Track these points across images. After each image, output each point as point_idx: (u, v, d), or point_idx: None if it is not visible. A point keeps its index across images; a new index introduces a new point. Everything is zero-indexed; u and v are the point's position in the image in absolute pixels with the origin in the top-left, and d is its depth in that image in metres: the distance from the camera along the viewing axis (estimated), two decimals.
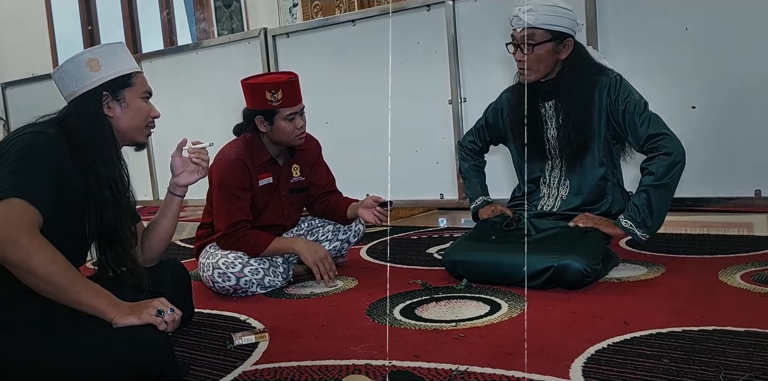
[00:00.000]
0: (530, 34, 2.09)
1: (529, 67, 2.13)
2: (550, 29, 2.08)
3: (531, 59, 2.11)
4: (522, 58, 2.13)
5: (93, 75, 1.55)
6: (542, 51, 2.10)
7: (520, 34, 2.11)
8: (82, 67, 1.54)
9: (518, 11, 2.10)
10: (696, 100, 2.72)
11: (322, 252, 2.26)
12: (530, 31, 2.08)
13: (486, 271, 2.11)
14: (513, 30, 2.15)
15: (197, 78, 4.40)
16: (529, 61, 2.12)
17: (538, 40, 2.09)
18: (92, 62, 1.55)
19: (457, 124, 3.36)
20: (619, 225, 2.12)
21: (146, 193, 4.73)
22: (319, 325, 1.82)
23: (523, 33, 2.09)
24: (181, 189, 1.79)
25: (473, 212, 2.47)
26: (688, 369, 1.34)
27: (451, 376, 1.39)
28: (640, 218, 2.08)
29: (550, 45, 2.10)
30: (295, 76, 2.26)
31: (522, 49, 2.12)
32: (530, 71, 2.15)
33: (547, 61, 2.13)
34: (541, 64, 2.13)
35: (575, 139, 2.16)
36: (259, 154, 2.31)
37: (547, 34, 2.09)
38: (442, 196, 3.50)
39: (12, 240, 1.30)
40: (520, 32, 2.11)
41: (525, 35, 2.09)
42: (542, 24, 2.08)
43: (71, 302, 1.35)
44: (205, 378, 1.48)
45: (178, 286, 1.81)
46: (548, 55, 2.12)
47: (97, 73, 1.55)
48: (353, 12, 4.49)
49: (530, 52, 2.10)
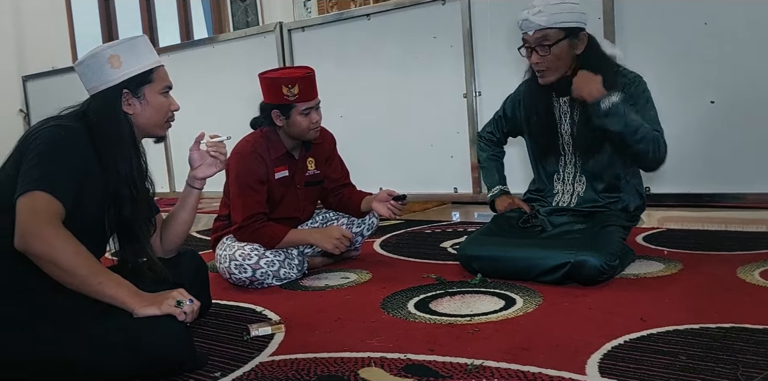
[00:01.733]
0: (544, 36, 2.05)
1: (548, 67, 2.09)
2: (562, 27, 2.05)
3: (549, 59, 2.07)
4: (538, 60, 2.08)
5: (114, 72, 1.56)
6: (559, 50, 2.07)
7: (533, 36, 2.07)
8: (103, 63, 1.55)
9: (527, 14, 2.06)
10: (715, 95, 2.70)
11: (336, 232, 2.27)
12: (543, 32, 2.05)
13: (501, 266, 2.10)
14: (524, 33, 2.10)
15: (213, 72, 4.42)
16: (547, 61, 2.08)
17: (553, 40, 2.05)
18: (113, 59, 1.55)
19: (472, 117, 3.36)
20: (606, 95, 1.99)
21: (163, 185, 4.77)
22: (334, 318, 1.83)
23: (536, 35, 2.05)
24: (199, 182, 1.80)
25: (490, 201, 2.47)
26: (705, 366, 1.34)
27: (466, 370, 1.39)
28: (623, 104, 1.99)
29: (566, 42, 2.07)
30: (312, 71, 2.27)
31: (537, 51, 2.08)
32: (549, 71, 2.11)
33: (565, 59, 2.09)
34: (561, 62, 2.09)
35: (589, 134, 2.14)
36: (276, 147, 2.33)
37: (561, 32, 2.05)
38: (456, 190, 3.51)
39: (36, 232, 1.33)
40: (533, 35, 2.07)
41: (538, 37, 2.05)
42: (554, 23, 2.04)
43: (93, 293, 1.37)
44: (223, 368, 1.49)
45: (196, 278, 1.83)
46: (566, 52, 2.08)
47: (117, 70, 1.56)
48: (368, 6, 4.49)
49: (547, 54, 2.06)
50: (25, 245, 1.33)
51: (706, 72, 2.69)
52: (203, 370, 1.48)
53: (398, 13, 3.57)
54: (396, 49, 3.57)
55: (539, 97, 2.24)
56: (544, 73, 2.12)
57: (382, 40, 3.61)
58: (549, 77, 2.12)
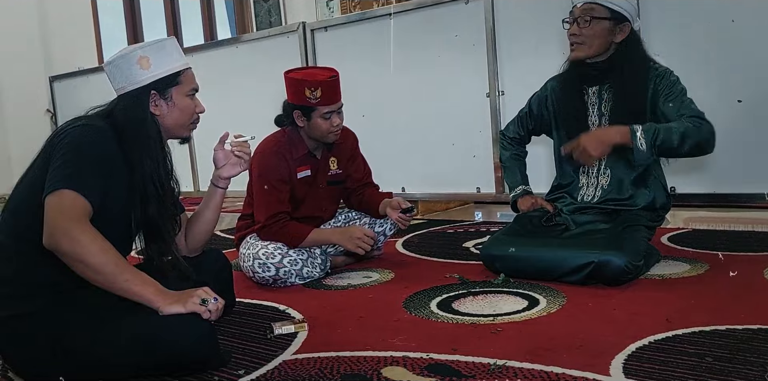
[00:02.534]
0: (590, 8, 2.10)
1: (582, 41, 2.13)
2: (610, 7, 2.09)
3: (586, 34, 2.11)
4: (576, 31, 2.12)
5: (143, 73, 1.58)
6: (599, 27, 2.10)
7: (580, 7, 2.12)
8: (132, 64, 1.57)
9: None
10: (742, 93, 2.66)
11: (358, 232, 2.28)
12: (591, 5, 2.10)
13: (524, 266, 2.10)
14: (573, 6, 2.16)
15: (237, 72, 4.45)
16: (583, 35, 2.12)
17: (597, 15, 2.10)
18: (143, 60, 1.57)
19: (495, 117, 3.34)
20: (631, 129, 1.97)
21: (187, 185, 4.82)
22: (357, 317, 1.84)
23: (584, 6, 2.11)
24: (223, 181, 1.82)
25: (512, 201, 2.46)
26: (732, 368, 1.32)
27: (489, 370, 1.39)
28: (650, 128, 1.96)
29: (607, 23, 2.10)
30: (336, 75, 2.27)
31: (578, 22, 2.12)
32: (583, 46, 2.14)
33: (601, 39, 2.12)
34: (595, 39, 2.12)
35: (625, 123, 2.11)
36: (298, 147, 2.34)
37: (607, 12, 2.09)
38: (479, 190, 3.49)
39: (64, 230, 1.35)
40: (580, 6, 2.12)
41: (585, 8, 2.10)
42: (604, 1, 2.08)
43: (120, 291, 1.39)
44: (247, 366, 1.51)
45: (220, 276, 1.85)
46: (604, 32, 2.11)
47: (146, 71, 1.57)
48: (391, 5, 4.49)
49: (587, 26, 2.10)
50: (53, 243, 1.36)
51: (733, 70, 2.65)
52: (227, 367, 1.50)
53: (421, 12, 3.57)
54: (419, 48, 3.57)
55: (571, 86, 2.24)
56: (577, 46, 2.16)
57: (405, 39, 3.61)
58: (579, 52, 2.15)
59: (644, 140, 1.96)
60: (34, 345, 1.40)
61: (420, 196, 3.72)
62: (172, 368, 1.42)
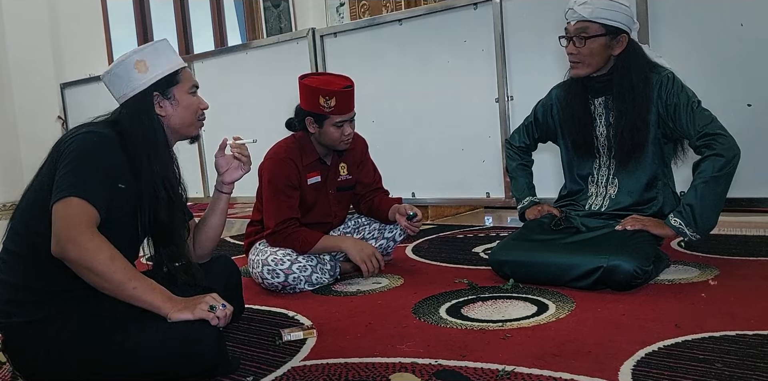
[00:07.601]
0: (584, 27, 2.08)
1: (580, 60, 2.12)
2: (604, 23, 2.07)
3: (583, 53, 2.11)
4: (573, 50, 2.12)
5: (142, 76, 1.59)
6: (595, 45, 2.09)
7: (573, 26, 2.11)
8: (130, 69, 1.58)
9: (573, 4, 2.10)
10: (752, 97, 2.64)
11: (369, 249, 2.28)
12: (584, 23, 2.08)
13: (533, 272, 2.09)
14: (567, 23, 2.14)
15: (247, 78, 4.47)
16: (581, 54, 2.11)
17: (591, 33, 2.08)
18: (139, 64, 1.58)
19: (504, 122, 3.34)
20: (669, 224, 2.06)
21: (197, 191, 4.83)
22: (365, 323, 1.84)
23: (577, 25, 2.09)
24: (227, 186, 1.83)
25: (520, 213, 2.46)
26: (742, 374, 1.31)
27: (498, 376, 1.39)
28: (690, 216, 2.01)
29: (603, 39, 2.09)
30: (352, 85, 2.28)
31: (574, 42, 2.11)
32: (581, 65, 2.13)
33: (599, 56, 2.11)
34: (593, 58, 2.11)
35: (628, 137, 2.12)
36: (308, 153, 2.35)
37: (601, 29, 2.08)
38: (489, 195, 3.49)
39: (71, 238, 1.35)
40: (574, 25, 2.11)
41: (578, 27, 2.09)
42: (597, 18, 2.06)
43: (128, 298, 1.39)
44: (256, 372, 1.51)
45: (229, 282, 1.86)
46: (601, 49, 2.10)
47: (145, 75, 1.59)
48: (400, 11, 4.50)
49: (582, 45, 2.09)
50: (61, 251, 1.36)
51: (742, 74, 2.64)
52: (236, 374, 1.51)
53: (430, 17, 3.57)
54: (428, 54, 3.57)
55: (576, 96, 2.23)
56: (576, 65, 2.15)
57: (414, 45, 3.62)
58: (579, 70, 2.15)
59: (683, 223, 2.03)
60: (42, 351, 1.41)
61: (430, 201, 3.72)
62: (181, 375, 1.43)
